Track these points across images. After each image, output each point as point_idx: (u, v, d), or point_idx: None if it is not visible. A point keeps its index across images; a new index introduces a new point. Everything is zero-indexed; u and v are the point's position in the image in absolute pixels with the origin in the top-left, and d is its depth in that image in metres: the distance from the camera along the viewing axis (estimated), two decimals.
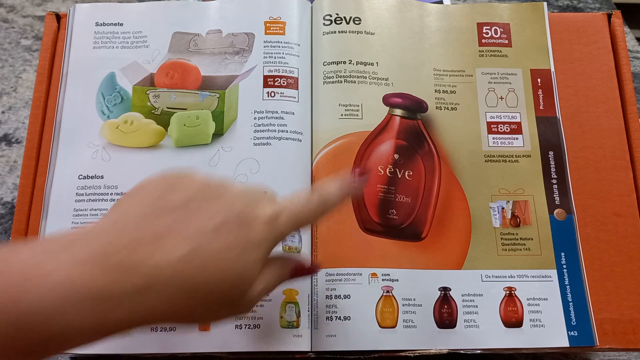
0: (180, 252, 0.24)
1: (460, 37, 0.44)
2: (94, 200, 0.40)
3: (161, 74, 0.43)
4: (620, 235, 0.39)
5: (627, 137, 0.41)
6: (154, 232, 0.24)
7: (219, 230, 0.25)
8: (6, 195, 0.50)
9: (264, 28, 0.44)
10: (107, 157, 0.41)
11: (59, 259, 0.22)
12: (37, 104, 0.42)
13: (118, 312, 0.22)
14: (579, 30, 0.44)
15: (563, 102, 0.42)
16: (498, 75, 0.43)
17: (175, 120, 0.41)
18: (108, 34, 0.44)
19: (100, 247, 0.23)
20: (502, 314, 0.37)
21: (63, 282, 0.21)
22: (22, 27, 0.61)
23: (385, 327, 0.36)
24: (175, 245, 0.24)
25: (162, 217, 0.25)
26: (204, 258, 0.24)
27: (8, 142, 0.53)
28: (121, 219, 0.25)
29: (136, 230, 0.24)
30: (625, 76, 0.42)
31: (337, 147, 0.40)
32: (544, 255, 0.38)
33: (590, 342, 0.36)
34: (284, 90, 0.42)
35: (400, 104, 0.42)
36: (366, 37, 0.43)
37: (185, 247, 0.24)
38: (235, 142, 0.41)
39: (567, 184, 0.40)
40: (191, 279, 0.24)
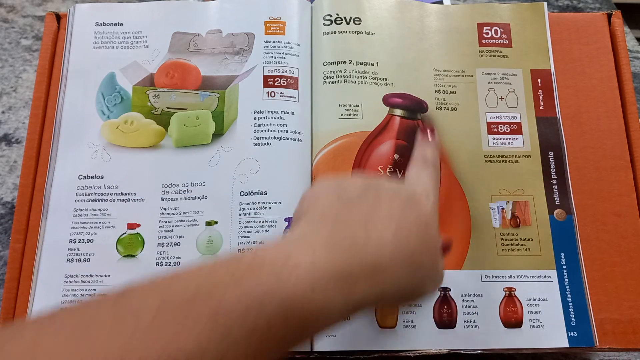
0: (390, 231, 0.26)
1: (461, 37, 0.44)
2: (94, 200, 0.40)
3: (161, 74, 0.43)
4: (620, 235, 0.39)
5: (627, 137, 0.41)
6: (359, 220, 0.26)
7: (403, 210, 0.27)
8: (6, 195, 0.50)
9: (264, 28, 0.44)
10: (107, 157, 0.41)
11: (300, 249, 0.24)
12: (37, 104, 0.42)
13: (358, 292, 0.24)
14: (579, 30, 0.44)
15: (563, 102, 0.42)
16: (498, 76, 0.43)
17: (175, 120, 0.41)
18: (108, 34, 0.44)
19: (327, 236, 0.25)
20: (501, 314, 0.37)
21: (312, 266, 0.23)
22: (22, 27, 0.61)
23: (385, 327, 0.36)
24: (383, 227, 0.26)
25: (355, 208, 0.27)
26: (408, 234, 0.26)
27: (8, 142, 0.53)
28: (324, 217, 0.27)
29: (345, 221, 0.26)
30: (625, 76, 0.42)
31: (337, 147, 0.40)
32: (543, 256, 0.38)
33: (590, 342, 0.36)
34: (284, 90, 0.42)
35: (400, 104, 0.42)
36: (366, 37, 0.43)
37: (391, 227, 0.26)
38: (235, 142, 0.41)
39: (567, 184, 0.40)
40: (407, 253, 0.26)
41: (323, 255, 0.24)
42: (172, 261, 0.38)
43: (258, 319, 0.21)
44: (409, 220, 0.27)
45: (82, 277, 0.38)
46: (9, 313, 0.37)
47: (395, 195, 0.28)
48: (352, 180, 0.29)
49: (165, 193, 0.40)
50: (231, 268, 0.23)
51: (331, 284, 0.23)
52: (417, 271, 0.27)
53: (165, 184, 0.40)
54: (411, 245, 0.26)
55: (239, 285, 0.22)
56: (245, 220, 0.39)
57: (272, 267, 0.23)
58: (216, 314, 0.21)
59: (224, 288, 0.21)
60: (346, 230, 0.25)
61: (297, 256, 0.23)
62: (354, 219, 0.26)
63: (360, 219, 0.26)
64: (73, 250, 0.38)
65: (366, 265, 0.24)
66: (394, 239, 0.26)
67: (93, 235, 0.39)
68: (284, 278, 0.22)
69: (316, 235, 0.25)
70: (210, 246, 0.38)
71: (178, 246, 0.38)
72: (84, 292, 0.37)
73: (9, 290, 0.37)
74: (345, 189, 0.28)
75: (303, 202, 0.29)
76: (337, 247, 0.24)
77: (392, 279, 0.25)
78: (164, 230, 0.39)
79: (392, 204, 0.27)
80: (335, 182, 0.29)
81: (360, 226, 0.26)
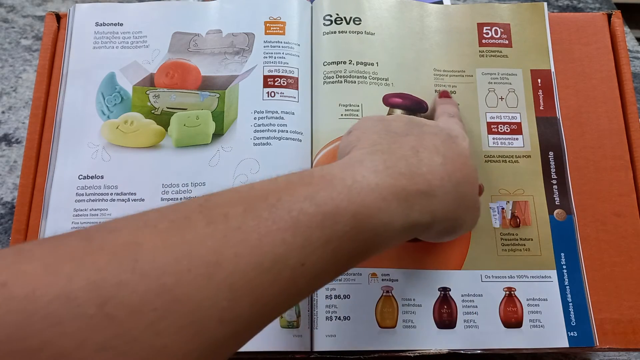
0: (437, 160, 0.28)
1: (461, 37, 0.44)
2: (94, 200, 0.40)
3: (161, 74, 0.43)
4: (620, 235, 0.39)
5: (627, 137, 0.41)
6: (409, 148, 0.28)
7: (446, 145, 0.29)
8: (6, 195, 0.50)
9: (264, 28, 0.44)
10: (107, 157, 0.41)
11: (363, 170, 0.25)
12: (37, 104, 0.42)
13: (415, 212, 0.26)
14: (579, 30, 0.44)
15: (563, 102, 0.42)
16: (498, 76, 0.43)
17: (175, 120, 0.41)
18: (108, 34, 0.44)
19: (382, 161, 0.26)
20: (501, 314, 0.37)
21: (376, 185, 0.25)
22: (22, 27, 0.61)
23: (385, 327, 0.36)
24: (430, 156, 0.28)
25: (403, 139, 0.28)
26: (453, 166, 0.28)
27: (8, 142, 0.53)
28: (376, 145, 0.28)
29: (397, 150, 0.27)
30: (625, 76, 0.42)
31: (337, 147, 0.40)
32: (543, 256, 0.38)
33: (589, 342, 0.36)
34: (284, 90, 0.42)
35: (400, 104, 0.42)
36: (366, 37, 0.43)
37: (438, 157, 0.28)
38: (235, 142, 0.41)
39: (567, 184, 0.40)
40: (453, 182, 0.28)
41: (385, 176, 0.25)
42: None
43: (333, 230, 0.23)
44: (453, 154, 0.29)
45: None
46: None
47: (437, 131, 0.30)
48: (395, 116, 0.32)
49: (165, 193, 0.40)
50: (305, 182, 0.24)
51: (394, 203, 0.25)
52: (461, 201, 0.28)
53: (165, 184, 0.40)
54: (456, 176, 0.28)
55: (315, 198, 0.23)
56: None
57: (342, 183, 0.24)
58: (297, 222, 0.22)
59: (302, 200, 0.23)
60: (399, 157, 0.27)
61: (362, 176, 0.25)
62: (404, 147, 0.28)
63: (410, 148, 0.28)
64: None
65: (420, 189, 0.26)
66: (442, 168, 0.27)
67: None
68: (354, 194, 0.24)
69: (374, 160, 0.26)
70: None
71: None
72: None
73: None
74: (391, 123, 0.30)
75: (351, 135, 0.30)
76: (394, 169, 0.26)
77: (441, 204, 0.27)
78: None
79: (435, 139, 0.29)
80: (380, 118, 0.31)
81: (412, 154, 0.27)
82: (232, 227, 0.21)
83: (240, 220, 0.21)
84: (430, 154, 0.28)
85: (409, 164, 0.27)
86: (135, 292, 0.18)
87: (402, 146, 0.28)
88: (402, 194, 0.25)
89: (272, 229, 0.21)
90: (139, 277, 0.19)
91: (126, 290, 0.18)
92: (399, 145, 0.28)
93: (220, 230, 0.21)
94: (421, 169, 0.27)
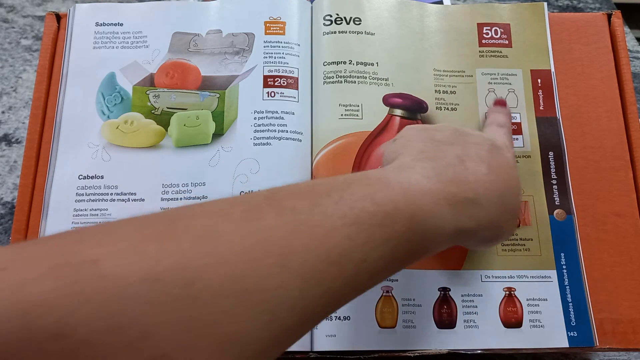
0: (482, 170, 0.28)
1: (461, 37, 0.44)
2: (94, 200, 0.40)
3: (161, 74, 0.43)
4: (620, 235, 0.39)
5: (627, 137, 0.41)
6: (454, 157, 0.28)
7: (490, 154, 0.29)
8: (6, 195, 0.50)
9: (264, 28, 0.44)
10: (107, 157, 0.41)
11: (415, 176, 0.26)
12: (37, 104, 0.42)
13: (463, 219, 0.26)
14: (579, 30, 0.44)
15: (563, 102, 0.42)
16: (498, 76, 0.43)
17: (175, 120, 0.42)
18: (108, 34, 0.44)
19: (431, 168, 0.27)
20: (501, 314, 0.37)
21: (429, 190, 0.25)
22: (22, 27, 0.61)
23: (385, 327, 0.36)
24: (475, 165, 0.28)
25: (448, 148, 0.29)
26: (497, 175, 0.28)
27: (8, 142, 0.53)
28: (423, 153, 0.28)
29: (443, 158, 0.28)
30: (625, 76, 0.42)
31: (337, 147, 0.40)
32: (543, 256, 0.38)
33: (589, 342, 0.36)
34: (284, 90, 0.42)
35: (400, 104, 0.42)
36: (366, 37, 0.43)
37: (483, 166, 0.28)
38: (235, 142, 0.41)
39: (567, 184, 0.40)
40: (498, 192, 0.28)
41: (435, 182, 0.26)
42: None
43: (393, 230, 0.23)
44: (497, 164, 0.29)
45: None
46: None
47: (481, 141, 0.30)
48: (439, 126, 0.32)
49: (165, 193, 0.40)
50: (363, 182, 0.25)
51: (445, 208, 0.25)
52: (504, 210, 0.29)
53: (165, 184, 0.40)
54: (501, 186, 0.28)
55: (374, 198, 0.24)
56: None
57: (399, 186, 0.25)
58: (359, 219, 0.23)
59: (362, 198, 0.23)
60: (446, 165, 0.27)
61: (416, 180, 0.26)
62: (450, 156, 0.28)
63: (455, 157, 0.28)
64: None
65: (467, 196, 0.26)
66: (487, 178, 0.28)
67: None
68: (410, 197, 0.25)
69: (424, 166, 0.27)
70: None
71: None
72: None
73: None
74: (435, 133, 0.30)
75: (396, 143, 0.31)
76: (443, 176, 0.26)
77: (486, 213, 0.27)
78: None
79: (479, 149, 0.29)
80: (424, 127, 0.32)
81: (457, 162, 0.28)
82: (300, 220, 0.22)
83: (307, 214, 0.22)
84: (475, 163, 0.28)
85: (456, 172, 0.27)
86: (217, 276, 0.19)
87: (447, 155, 0.28)
88: (452, 200, 0.26)
89: (338, 225, 0.22)
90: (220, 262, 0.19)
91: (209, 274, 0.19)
92: (444, 154, 0.28)
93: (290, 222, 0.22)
94: (467, 178, 0.27)
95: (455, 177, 0.27)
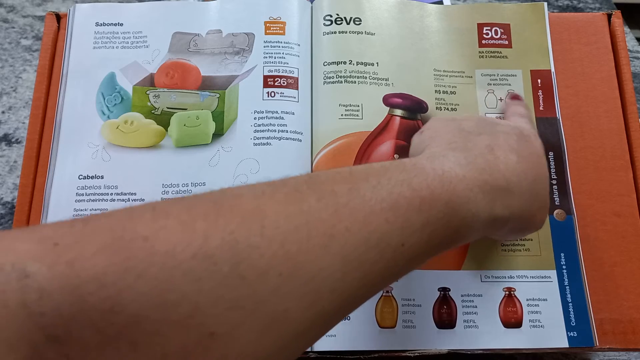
0: (513, 158, 0.28)
1: (461, 37, 0.44)
2: (94, 200, 0.40)
3: (161, 74, 0.43)
4: (620, 235, 0.39)
5: (627, 137, 0.41)
6: (484, 147, 0.28)
7: (520, 143, 0.29)
8: (6, 195, 0.50)
9: (264, 28, 0.44)
10: (107, 157, 0.41)
11: (448, 164, 0.26)
12: (37, 104, 0.42)
13: (498, 206, 0.26)
14: (579, 30, 0.44)
15: (563, 102, 0.42)
16: (498, 76, 0.43)
17: (175, 120, 0.42)
18: (108, 34, 0.44)
19: (463, 157, 0.27)
20: (501, 314, 0.37)
21: (464, 177, 0.25)
22: (22, 27, 0.61)
23: (385, 327, 0.36)
24: (506, 154, 0.28)
25: (476, 138, 0.28)
26: (527, 164, 0.28)
27: (8, 142, 0.53)
28: (452, 143, 0.28)
29: (473, 147, 0.28)
30: (625, 76, 0.42)
31: (337, 147, 0.40)
32: (543, 256, 0.38)
33: (589, 343, 0.36)
34: (284, 90, 0.42)
35: (400, 104, 0.42)
36: (366, 38, 0.43)
37: (513, 155, 0.28)
38: (235, 142, 0.41)
39: (567, 184, 0.40)
40: (529, 180, 0.28)
41: (468, 170, 0.26)
42: None
43: (430, 215, 0.24)
44: (527, 152, 0.29)
45: None
46: None
47: (509, 130, 0.30)
48: (466, 117, 0.32)
49: (166, 193, 0.40)
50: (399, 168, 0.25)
51: (480, 195, 0.26)
52: (535, 199, 0.29)
53: (165, 184, 0.40)
54: (532, 174, 0.28)
55: (411, 183, 0.24)
56: None
57: (434, 172, 0.25)
58: (397, 204, 0.23)
59: (400, 183, 0.24)
60: (477, 154, 0.27)
61: (450, 167, 0.26)
62: (480, 145, 0.28)
63: (485, 146, 0.28)
64: None
65: (500, 184, 0.26)
66: (518, 166, 0.28)
67: None
68: (446, 182, 0.25)
69: (455, 155, 0.27)
70: None
71: None
72: None
73: None
74: (462, 123, 0.30)
75: (423, 135, 0.31)
76: (475, 165, 0.26)
77: (518, 201, 0.27)
78: None
79: (508, 137, 0.29)
80: (451, 118, 0.32)
81: (487, 151, 0.28)
82: (341, 204, 0.22)
83: (347, 197, 0.22)
84: (505, 152, 0.28)
85: (487, 160, 0.27)
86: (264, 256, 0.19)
87: (477, 144, 0.28)
88: (485, 188, 0.26)
89: (376, 209, 0.22)
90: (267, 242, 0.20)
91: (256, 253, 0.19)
92: (474, 144, 0.28)
93: (331, 205, 0.22)
94: (498, 166, 0.27)
95: (487, 165, 0.27)
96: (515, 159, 0.28)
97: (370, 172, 0.24)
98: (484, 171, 0.26)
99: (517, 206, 0.27)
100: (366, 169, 0.25)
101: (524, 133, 0.31)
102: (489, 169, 0.27)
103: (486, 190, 0.26)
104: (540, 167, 0.30)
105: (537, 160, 0.30)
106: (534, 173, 0.29)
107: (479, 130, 0.30)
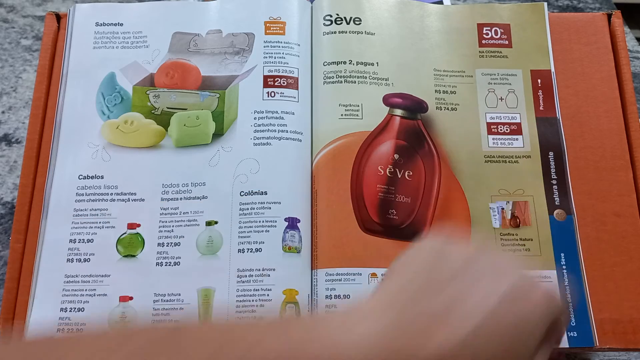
0: (461, 333, 0.22)
1: (461, 37, 0.44)
2: (94, 200, 0.40)
3: (161, 74, 0.43)
4: (620, 235, 0.39)
5: (627, 137, 0.41)
6: (432, 314, 0.23)
7: (500, 304, 0.23)
8: (6, 195, 0.50)
9: (264, 28, 0.44)
10: (107, 157, 0.41)
11: (355, 333, 0.22)
12: (37, 104, 0.42)
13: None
14: (579, 30, 0.44)
15: (563, 102, 0.42)
16: (498, 76, 0.43)
17: (175, 120, 0.42)
18: (108, 34, 0.44)
19: (384, 326, 0.23)
20: None
21: (364, 349, 0.22)
22: (22, 27, 0.61)
23: None
24: (456, 326, 0.22)
25: (438, 294, 0.24)
26: (486, 338, 0.23)
27: (8, 142, 0.53)
28: (398, 295, 0.24)
29: (413, 311, 0.23)
30: (625, 76, 0.42)
31: (337, 147, 0.40)
32: (543, 256, 0.38)
33: (589, 342, 0.36)
34: (284, 90, 0.42)
35: (400, 104, 0.42)
36: (366, 37, 0.43)
37: (466, 327, 0.22)
38: (235, 142, 0.41)
39: (567, 184, 0.40)
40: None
41: (374, 348, 0.22)
42: (172, 261, 0.38)
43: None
44: (500, 319, 0.23)
45: (82, 277, 0.38)
46: (9, 313, 0.37)
47: (499, 283, 0.24)
48: (457, 251, 0.26)
49: (165, 193, 0.40)
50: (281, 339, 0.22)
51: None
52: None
53: (165, 184, 0.40)
54: (488, 352, 0.23)
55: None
56: (246, 220, 0.39)
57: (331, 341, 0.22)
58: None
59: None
60: (407, 328, 0.23)
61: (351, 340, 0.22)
62: (430, 310, 0.23)
63: (437, 311, 0.23)
64: (73, 250, 0.38)
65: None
66: (463, 344, 0.22)
67: (93, 235, 0.39)
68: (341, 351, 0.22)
69: (375, 324, 0.23)
70: (210, 246, 0.38)
71: (178, 246, 0.38)
72: (84, 292, 0.37)
73: (9, 291, 0.37)
74: (443, 263, 0.25)
75: (398, 261, 0.27)
76: (388, 346, 0.22)
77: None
78: (164, 230, 0.39)
79: (490, 296, 0.24)
80: (440, 250, 0.26)
81: (432, 322, 0.23)
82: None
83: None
84: (463, 320, 0.23)
85: (416, 339, 0.22)
86: None
87: (427, 307, 0.23)
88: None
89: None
90: None
91: None
92: (423, 305, 0.23)
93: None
94: (431, 343, 0.22)
95: (403, 348, 0.22)
96: (467, 332, 0.22)
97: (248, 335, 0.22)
98: (395, 354, 0.22)
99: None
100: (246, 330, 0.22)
101: (522, 291, 0.24)
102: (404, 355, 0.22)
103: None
104: (512, 341, 0.23)
105: (512, 333, 0.23)
106: (493, 350, 0.23)
107: (456, 277, 0.24)
